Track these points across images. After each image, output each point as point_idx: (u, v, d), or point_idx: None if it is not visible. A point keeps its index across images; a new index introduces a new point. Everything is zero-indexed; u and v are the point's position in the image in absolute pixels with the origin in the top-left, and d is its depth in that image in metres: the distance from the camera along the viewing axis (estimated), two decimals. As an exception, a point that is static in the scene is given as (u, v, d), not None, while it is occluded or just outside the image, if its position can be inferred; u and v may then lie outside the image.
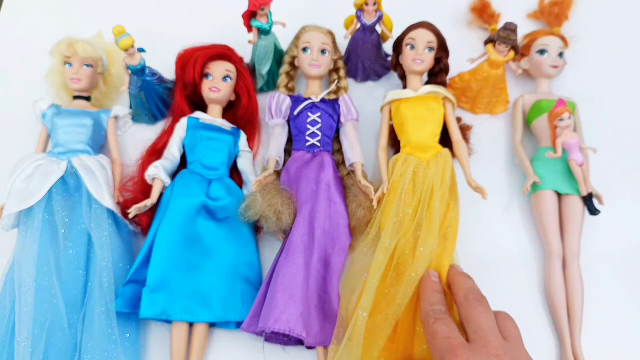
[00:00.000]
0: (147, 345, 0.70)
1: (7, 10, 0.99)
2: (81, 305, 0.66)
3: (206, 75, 0.79)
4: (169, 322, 0.68)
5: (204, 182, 0.74)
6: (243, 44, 0.82)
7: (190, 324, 0.68)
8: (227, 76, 0.79)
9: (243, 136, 0.80)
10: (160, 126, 0.85)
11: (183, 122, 0.78)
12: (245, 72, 0.82)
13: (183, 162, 0.78)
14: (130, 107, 0.84)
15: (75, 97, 0.81)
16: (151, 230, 0.70)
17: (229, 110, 0.83)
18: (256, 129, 0.84)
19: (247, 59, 0.85)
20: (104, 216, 0.71)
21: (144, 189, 0.74)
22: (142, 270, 0.68)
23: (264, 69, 0.84)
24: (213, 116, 0.79)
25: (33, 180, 0.71)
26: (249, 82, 0.82)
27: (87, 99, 0.82)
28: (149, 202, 0.71)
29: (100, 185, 0.72)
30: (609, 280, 0.75)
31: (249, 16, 0.78)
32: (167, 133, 0.80)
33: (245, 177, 0.79)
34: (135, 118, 0.85)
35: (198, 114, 0.79)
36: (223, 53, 0.79)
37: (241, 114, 0.82)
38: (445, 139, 0.78)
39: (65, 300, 0.65)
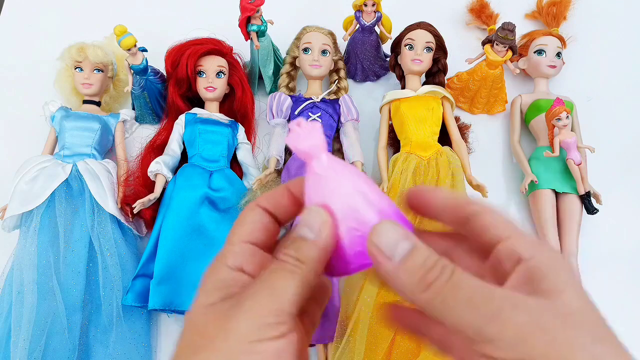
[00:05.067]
0: (159, 340, 0.71)
1: (11, 12, 1.00)
2: (81, 307, 0.67)
3: (199, 73, 0.79)
4: (179, 313, 0.69)
5: (205, 174, 0.75)
6: (240, 41, 0.83)
7: None
8: (221, 72, 0.79)
9: (241, 129, 0.81)
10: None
11: (181, 118, 0.79)
12: (237, 64, 0.83)
13: (185, 159, 0.79)
14: (134, 109, 0.84)
15: (85, 102, 0.81)
16: (156, 225, 0.71)
17: (225, 104, 0.84)
18: (252, 122, 0.84)
19: (237, 50, 0.85)
20: (107, 222, 0.71)
21: (146, 184, 0.75)
22: (150, 264, 0.69)
23: (269, 70, 0.85)
24: (210, 111, 0.80)
25: (37, 182, 0.71)
26: (242, 75, 0.83)
27: (97, 103, 0.82)
28: (152, 196, 0.72)
29: (105, 191, 0.72)
30: (607, 279, 0.75)
31: (245, 23, 0.79)
32: (165, 130, 0.81)
33: (245, 168, 0.80)
34: (140, 119, 0.85)
35: (196, 110, 0.80)
36: (214, 48, 0.80)
37: (237, 106, 0.83)
38: (443, 139, 0.79)
39: (65, 302, 0.66)
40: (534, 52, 0.86)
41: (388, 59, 0.88)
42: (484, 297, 0.22)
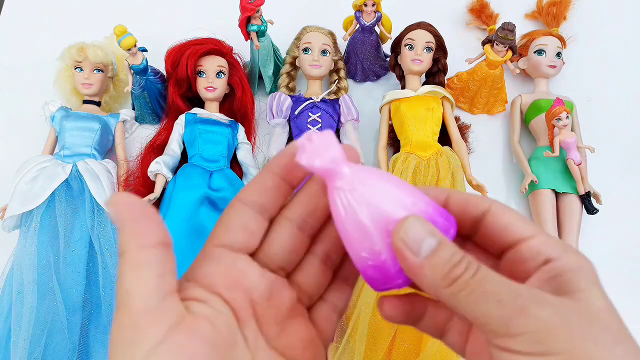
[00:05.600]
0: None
1: (11, 12, 1.00)
2: (81, 307, 0.67)
3: (199, 73, 0.79)
4: None
5: (205, 174, 0.75)
6: (240, 41, 0.83)
7: None
8: (221, 72, 0.79)
9: (241, 129, 0.81)
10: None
11: (181, 118, 0.79)
12: (237, 64, 0.83)
13: (185, 159, 0.79)
14: (134, 109, 0.84)
15: (85, 102, 0.81)
16: None
17: (225, 104, 0.84)
18: (252, 122, 0.84)
19: (237, 50, 0.85)
20: (107, 222, 0.71)
21: (146, 184, 0.75)
22: None
23: (269, 70, 0.85)
24: (211, 111, 0.80)
25: (37, 182, 0.71)
26: (242, 75, 0.83)
27: (97, 103, 0.82)
28: (152, 196, 0.72)
29: (105, 191, 0.72)
30: (607, 280, 0.75)
31: (245, 23, 0.79)
32: (165, 130, 0.81)
33: (245, 168, 0.80)
34: (140, 119, 0.85)
35: (196, 110, 0.80)
36: (214, 48, 0.79)
37: (237, 106, 0.83)
38: (443, 139, 0.79)
39: (65, 302, 0.66)
40: (534, 52, 0.86)
41: (388, 59, 0.88)
42: (511, 292, 0.22)
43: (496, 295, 0.21)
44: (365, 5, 0.80)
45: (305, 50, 0.81)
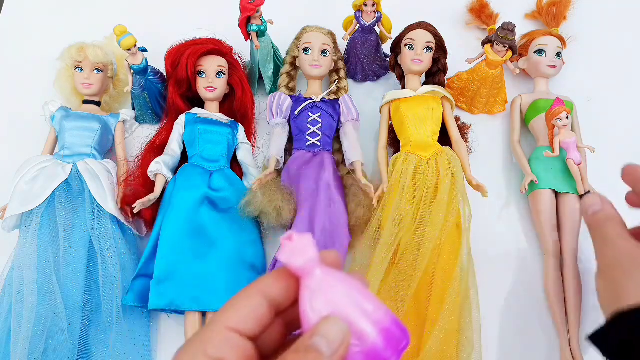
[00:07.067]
0: (159, 340, 0.71)
1: (11, 12, 1.00)
2: (81, 307, 0.67)
3: (199, 73, 0.79)
4: (179, 313, 0.69)
5: (205, 174, 0.75)
6: (240, 41, 0.83)
7: (203, 314, 0.69)
8: (221, 72, 0.79)
9: (241, 129, 0.82)
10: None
11: (181, 118, 0.79)
12: (237, 64, 0.83)
13: (185, 159, 0.79)
14: (134, 109, 0.85)
15: (85, 102, 0.81)
16: (156, 225, 0.71)
17: (225, 104, 0.84)
18: (252, 122, 0.85)
19: (237, 50, 0.85)
20: (107, 222, 0.72)
21: (146, 184, 0.75)
22: (150, 264, 0.69)
23: (269, 70, 0.85)
24: (210, 111, 0.81)
25: (37, 182, 0.71)
26: (242, 75, 0.83)
27: (97, 103, 0.82)
28: (152, 196, 0.72)
29: (105, 191, 0.73)
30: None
31: (245, 23, 0.79)
32: (165, 130, 0.81)
33: (245, 168, 0.80)
34: (140, 119, 0.85)
35: (196, 110, 0.80)
36: (214, 48, 0.79)
37: (237, 106, 0.83)
38: (443, 139, 0.79)
39: (65, 302, 0.66)
40: (534, 52, 0.86)
41: (388, 59, 0.88)
42: None
43: None
44: (365, 5, 0.80)
45: (305, 50, 0.81)
